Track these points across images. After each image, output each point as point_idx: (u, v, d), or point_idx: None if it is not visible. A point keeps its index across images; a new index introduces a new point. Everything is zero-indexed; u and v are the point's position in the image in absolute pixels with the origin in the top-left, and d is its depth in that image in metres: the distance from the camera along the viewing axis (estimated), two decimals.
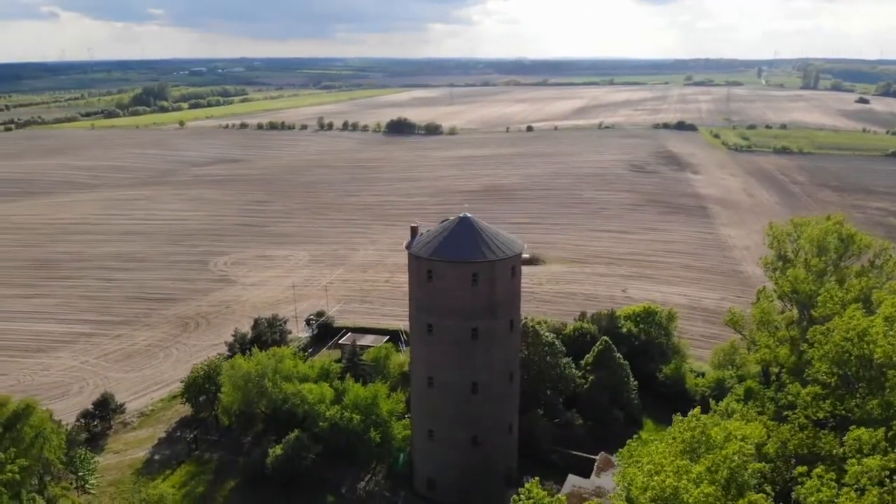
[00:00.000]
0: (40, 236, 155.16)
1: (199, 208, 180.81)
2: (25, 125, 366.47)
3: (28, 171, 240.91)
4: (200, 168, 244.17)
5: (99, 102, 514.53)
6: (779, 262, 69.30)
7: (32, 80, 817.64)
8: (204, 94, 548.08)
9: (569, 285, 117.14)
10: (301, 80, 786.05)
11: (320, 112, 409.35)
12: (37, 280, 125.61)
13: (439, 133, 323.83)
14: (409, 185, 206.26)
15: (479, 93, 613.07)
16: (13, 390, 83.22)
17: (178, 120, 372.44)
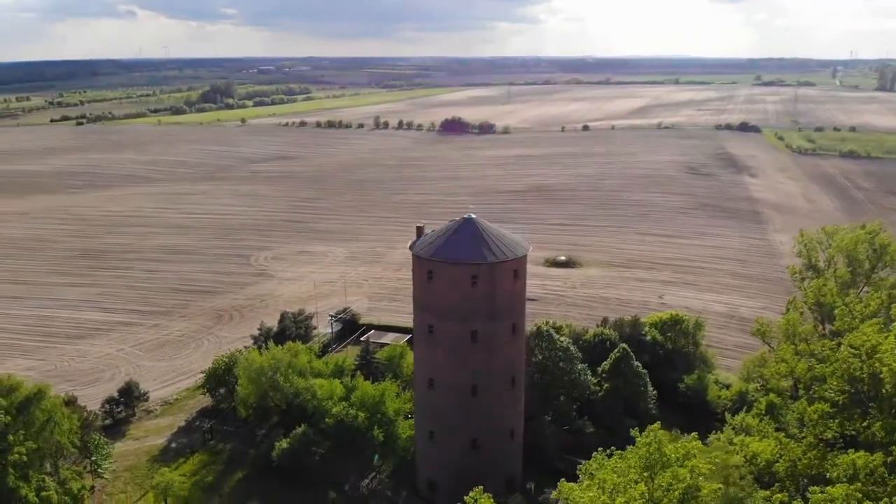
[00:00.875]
0: (96, 227, 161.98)
1: (250, 204, 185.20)
2: (96, 120, 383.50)
3: (94, 164, 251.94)
4: (257, 164, 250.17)
5: (169, 99, 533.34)
6: (807, 271, 65.96)
7: (108, 76, 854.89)
8: (268, 93, 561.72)
9: (603, 290, 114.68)
10: (364, 80, 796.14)
11: (379, 111, 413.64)
12: (87, 270, 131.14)
13: (492, 132, 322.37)
14: (455, 184, 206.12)
15: (537, 91, 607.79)
16: (49, 375, 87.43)
17: (240, 117, 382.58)
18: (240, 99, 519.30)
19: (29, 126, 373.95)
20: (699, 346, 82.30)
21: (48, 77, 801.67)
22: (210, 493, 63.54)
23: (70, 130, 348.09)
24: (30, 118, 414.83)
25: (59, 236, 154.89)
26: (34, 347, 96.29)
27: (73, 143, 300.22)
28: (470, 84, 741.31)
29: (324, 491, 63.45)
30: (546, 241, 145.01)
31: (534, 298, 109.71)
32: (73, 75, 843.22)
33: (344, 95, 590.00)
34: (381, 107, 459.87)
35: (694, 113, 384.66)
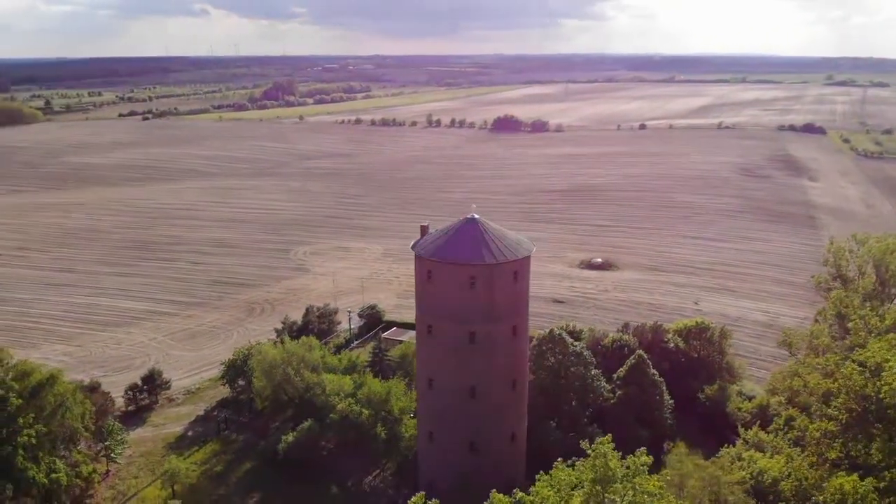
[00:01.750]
0: (149, 219, 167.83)
1: (298, 199, 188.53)
2: (161, 115, 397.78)
3: (155, 158, 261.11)
4: (310, 161, 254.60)
5: (234, 96, 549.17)
6: (834, 281, 62.62)
7: (179, 73, 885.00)
8: (329, 90, 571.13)
9: (636, 294, 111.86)
10: (424, 78, 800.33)
11: (434, 109, 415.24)
12: (134, 260, 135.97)
13: (545, 130, 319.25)
14: (499, 182, 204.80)
15: (598, 89, 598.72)
16: (82, 361, 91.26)
17: (299, 114, 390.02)
18: (301, 96, 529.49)
19: (98, 120, 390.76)
20: (725, 356, 79.32)
21: (121, 73, 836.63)
22: (218, 481, 64.95)
23: (136, 125, 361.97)
24: (99, 113, 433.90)
25: (113, 227, 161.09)
26: (73, 333, 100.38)
27: (136, 138, 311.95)
28: (529, 82, 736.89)
29: (327, 485, 63.99)
30: (585, 243, 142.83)
31: (561, 301, 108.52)
32: (146, 72, 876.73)
33: (402, 93, 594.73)
34: (438, 105, 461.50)
35: (758, 113, 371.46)
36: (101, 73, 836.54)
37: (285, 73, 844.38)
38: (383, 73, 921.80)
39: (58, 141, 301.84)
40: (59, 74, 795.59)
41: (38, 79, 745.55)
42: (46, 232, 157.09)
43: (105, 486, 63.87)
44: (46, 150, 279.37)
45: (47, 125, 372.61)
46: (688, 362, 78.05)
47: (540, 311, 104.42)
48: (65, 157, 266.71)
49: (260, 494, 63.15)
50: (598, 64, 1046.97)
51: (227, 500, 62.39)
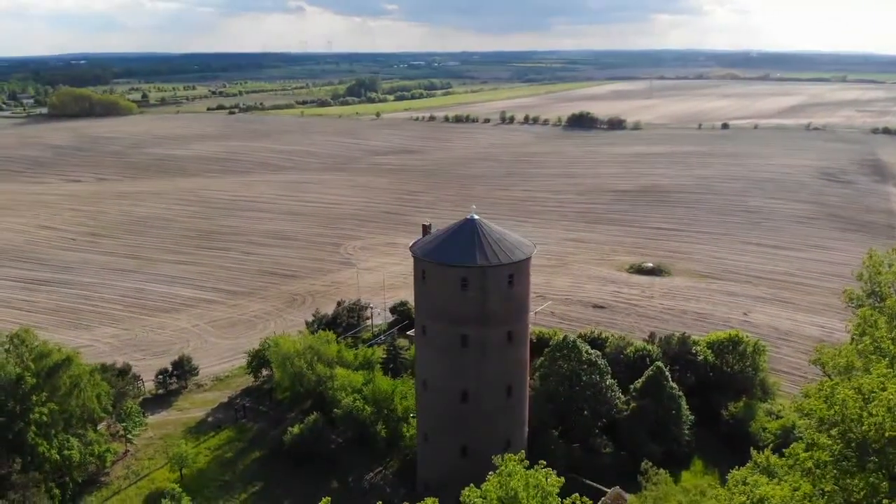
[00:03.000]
0: (215, 210, 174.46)
1: (360, 194, 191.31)
2: (247, 110, 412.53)
3: (234, 151, 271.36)
4: (379, 157, 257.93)
5: (319, 92, 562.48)
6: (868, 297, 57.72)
7: (271, 68, 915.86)
8: (410, 87, 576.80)
9: (683, 302, 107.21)
10: (507, 74, 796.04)
11: (512, 105, 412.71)
12: (195, 249, 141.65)
13: (622, 128, 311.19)
14: (564, 181, 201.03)
15: (685, 86, 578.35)
16: (126, 343, 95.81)
17: (376, 111, 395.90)
18: (383, 93, 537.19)
19: (187, 113, 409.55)
20: (759, 372, 74.81)
21: (216, 68, 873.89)
22: (226, 468, 66.69)
23: (222, 119, 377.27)
24: (190, 106, 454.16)
25: (182, 217, 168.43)
26: (123, 317, 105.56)
27: (220, 131, 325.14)
28: (615, 78, 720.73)
29: (328, 479, 64.55)
30: (640, 246, 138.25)
31: (602, 306, 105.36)
32: (240, 67, 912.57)
33: (482, 90, 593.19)
34: (516, 101, 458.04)
35: (853, 114, 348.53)
36: (197, 68, 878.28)
37: (372, 69, 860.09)
38: (468, 69, 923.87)
39: (146, 132, 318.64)
40: (158, 69, 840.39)
41: (139, 73, 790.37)
42: (120, 219, 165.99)
43: (121, 466, 66.81)
44: (135, 142, 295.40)
45: (140, 117, 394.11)
46: (717, 377, 74.14)
47: (578, 315, 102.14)
48: (150, 148, 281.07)
49: (263, 483, 64.39)
50: (689, 60, 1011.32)
51: (231, 486, 63.96)
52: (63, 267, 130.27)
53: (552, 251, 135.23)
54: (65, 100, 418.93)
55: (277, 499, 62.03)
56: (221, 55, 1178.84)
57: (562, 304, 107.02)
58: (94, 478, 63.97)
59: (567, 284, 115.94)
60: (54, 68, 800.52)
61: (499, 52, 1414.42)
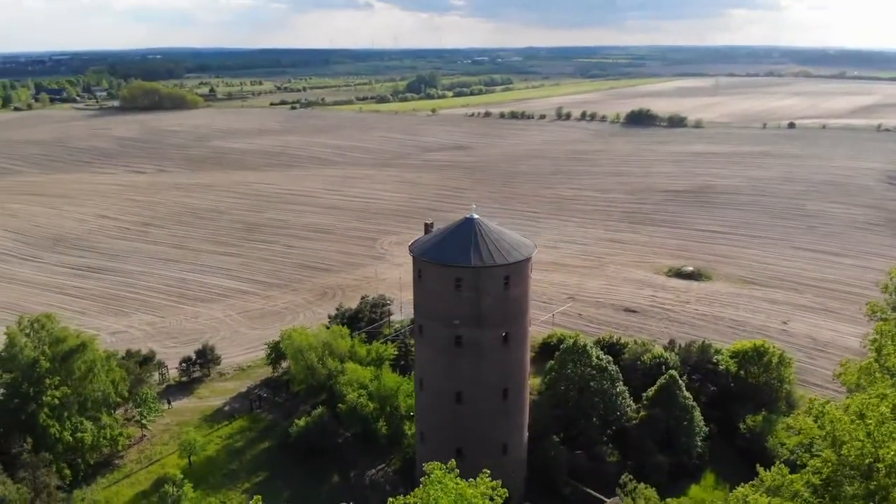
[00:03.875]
0: (265, 203, 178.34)
1: (404, 190, 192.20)
2: (308, 105, 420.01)
3: (290, 146, 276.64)
4: (430, 153, 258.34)
5: (381, 88, 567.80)
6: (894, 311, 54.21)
7: (337, 64, 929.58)
8: (470, 83, 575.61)
9: (720, 308, 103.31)
10: (570, 70, 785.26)
11: (571, 101, 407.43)
12: (239, 241, 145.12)
13: (682, 126, 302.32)
14: (613, 180, 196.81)
15: (754, 83, 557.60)
16: (160, 330, 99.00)
17: (433, 107, 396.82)
18: (442, 89, 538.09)
19: (251, 108, 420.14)
20: (785, 384, 71.38)
21: (284, 64, 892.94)
22: (233, 456, 68.06)
23: (283, 114, 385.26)
24: (255, 101, 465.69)
25: (231, 209, 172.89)
26: (161, 305, 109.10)
27: (280, 126, 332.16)
28: (683, 74, 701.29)
29: (331, 473, 65.06)
30: (684, 249, 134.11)
31: (634, 310, 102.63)
32: (307, 63, 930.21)
33: (543, 86, 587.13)
34: (576, 97, 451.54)
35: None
36: (266, 63, 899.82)
37: (435, 65, 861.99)
38: (531, 64, 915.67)
39: (209, 126, 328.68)
40: (229, 64, 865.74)
41: (210, 67, 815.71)
42: (172, 210, 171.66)
43: (136, 450, 69.05)
44: (197, 135, 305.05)
45: (206, 111, 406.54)
46: (739, 388, 71.16)
47: (607, 319, 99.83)
48: (212, 141, 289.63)
49: (267, 474, 65.40)
50: (763, 57, 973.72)
51: (236, 475, 65.23)
52: (113, 255, 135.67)
53: (590, 252, 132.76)
54: (135, 93, 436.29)
55: (278, 490, 62.83)
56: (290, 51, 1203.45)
57: (592, 306, 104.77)
58: (109, 460, 66.39)
59: (600, 286, 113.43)
60: (130, 62, 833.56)
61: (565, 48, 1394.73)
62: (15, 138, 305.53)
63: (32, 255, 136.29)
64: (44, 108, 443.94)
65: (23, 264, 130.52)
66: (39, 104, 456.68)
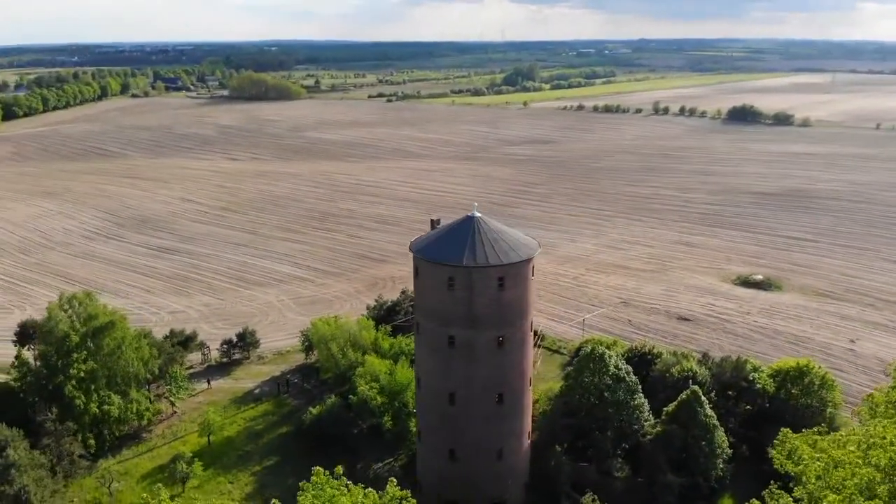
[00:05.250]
0: (340, 193, 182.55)
1: (476, 184, 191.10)
2: (403, 98, 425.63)
3: (377, 137, 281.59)
4: (512, 147, 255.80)
5: (479, 80, 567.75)
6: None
7: (442, 57, 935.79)
8: (570, 76, 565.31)
9: (782, 322, 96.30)
10: (680, 63, 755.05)
11: (675, 95, 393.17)
12: (307, 229, 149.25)
13: (788, 124, 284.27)
14: (699, 179, 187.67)
15: (875, 81, 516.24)
16: (215, 311, 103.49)
17: (525, 100, 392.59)
18: (540, 82, 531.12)
19: (349, 100, 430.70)
20: (828, 407, 65.64)
21: (391, 56, 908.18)
22: (251, 439, 70.11)
23: (378, 106, 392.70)
24: (355, 93, 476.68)
25: (307, 197, 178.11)
26: (223, 288, 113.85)
27: (372, 118, 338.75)
28: (801, 70, 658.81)
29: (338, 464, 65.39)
30: (760, 256, 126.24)
31: (688, 318, 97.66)
32: (413, 56, 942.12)
33: (648, 79, 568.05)
34: (680, 91, 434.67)
35: None
36: (373, 56, 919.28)
37: (539, 57, 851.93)
38: (639, 57, 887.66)
39: (306, 117, 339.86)
40: (338, 56, 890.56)
41: (320, 59, 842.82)
42: (253, 197, 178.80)
43: (164, 426, 72.46)
44: (294, 125, 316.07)
45: (307, 102, 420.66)
46: (774, 408, 66.05)
47: (658, 326, 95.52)
48: (306, 132, 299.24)
49: (278, 458, 66.93)
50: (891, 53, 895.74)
51: (249, 457, 67.14)
52: (189, 238, 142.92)
53: (655, 254, 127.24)
54: (243, 83, 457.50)
55: (285, 475, 64.00)
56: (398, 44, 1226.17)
57: (643, 312, 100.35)
58: (137, 434, 70.02)
59: (658, 292, 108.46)
60: (246, 53, 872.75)
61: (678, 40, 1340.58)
62: (127, 124, 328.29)
63: (117, 234, 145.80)
64: (159, 96, 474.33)
65: (107, 243, 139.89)
66: (155, 92, 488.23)
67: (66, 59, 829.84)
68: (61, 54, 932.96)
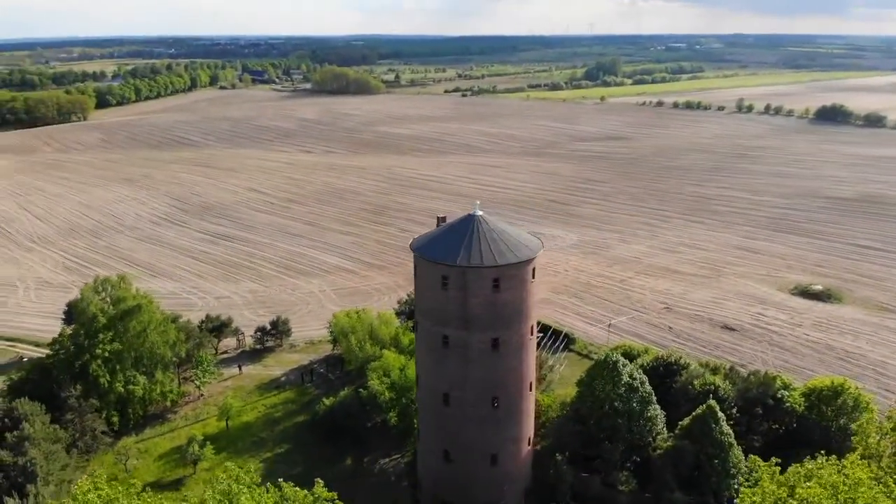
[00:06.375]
0: (399, 187, 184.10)
1: (538, 181, 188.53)
2: (478, 93, 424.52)
3: (446, 132, 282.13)
4: (582, 143, 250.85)
5: (559, 75, 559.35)
6: None
7: (524, 51, 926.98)
8: (654, 71, 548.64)
9: (837, 336, 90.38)
10: (774, 59, 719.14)
11: (764, 93, 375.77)
12: (361, 221, 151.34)
13: (881, 126, 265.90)
14: (772, 181, 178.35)
15: None
16: (258, 298, 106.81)
17: (601, 95, 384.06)
18: (622, 76, 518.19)
19: (425, 95, 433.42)
20: None
21: (472, 51, 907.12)
22: (268, 426, 71.77)
23: (452, 101, 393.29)
24: (431, 88, 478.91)
25: (368, 191, 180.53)
26: (270, 276, 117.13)
27: (444, 113, 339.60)
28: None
29: (346, 456, 66.37)
30: (825, 265, 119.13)
31: (733, 328, 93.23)
32: (495, 50, 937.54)
33: (737, 75, 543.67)
34: (770, 89, 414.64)
35: None
36: (455, 50, 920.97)
37: (626, 52, 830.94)
38: (732, 52, 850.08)
39: (381, 111, 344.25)
40: (421, 51, 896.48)
41: (404, 54, 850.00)
42: (318, 189, 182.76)
43: (190, 407, 75.18)
44: (368, 120, 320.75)
45: (385, 97, 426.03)
46: (804, 429, 62.01)
47: (700, 335, 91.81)
48: (379, 126, 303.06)
49: (290, 447, 68.18)
50: None
51: (262, 443, 68.73)
52: (249, 226, 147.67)
53: (710, 259, 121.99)
54: (325, 77, 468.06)
55: (294, 464, 65.23)
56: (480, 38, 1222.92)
57: (686, 319, 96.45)
58: (163, 414, 73.01)
59: (706, 298, 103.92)
60: (333, 47, 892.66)
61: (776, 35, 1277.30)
62: (212, 115, 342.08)
63: (182, 220, 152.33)
64: (245, 88, 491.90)
65: (171, 228, 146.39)
66: (242, 84, 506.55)
67: (163, 51, 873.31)
68: (159, 46, 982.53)
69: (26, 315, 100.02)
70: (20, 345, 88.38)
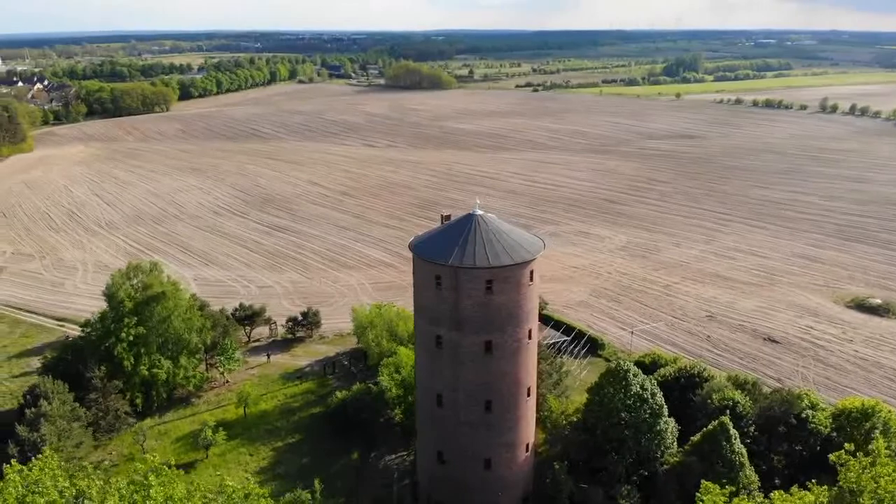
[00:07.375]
0: (451, 183, 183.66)
1: (595, 179, 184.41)
2: (549, 88, 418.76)
3: (512, 128, 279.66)
4: (651, 141, 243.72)
5: (637, 70, 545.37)
6: None
7: (605, 46, 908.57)
8: (737, 68, 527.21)
9: (889, 354, 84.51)
10: (868, 57, 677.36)
11: (851, 92, 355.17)
12: (407, 216, 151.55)
13: None
14: (848, 186, 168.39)
15: None
16: (298, 288, 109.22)
17: (677, 92, 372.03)
18: (704, 73, 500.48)
19: (496, 90, 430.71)
20: None
21: (551, 45, 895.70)
22: (284, 415, 73.14)
23: (522, 96, 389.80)
24: (504, 83, 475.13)
25: (420, 185, 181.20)
26: (313, 267, 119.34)
27: (512, 108, 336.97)
28: None
29: (353, 450, 66.86)
30: (892, 276, 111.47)
31: (776, 340, 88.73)
32: (574, 45, 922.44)
33: (826, 73, 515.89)
34: (859, 88, 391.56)
35: None
36: (532, 45, 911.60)
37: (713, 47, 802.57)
38: (824, 49, 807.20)
39: (448, 107, 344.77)
40: (498, 45, 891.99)
41: (481, 49, 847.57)
42: (373, 183, 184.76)
43: (214, 393, 77.52)
44: (435, 115, 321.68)
45: (455, 92, 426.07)
46: (825, 447, 58.14)
47: (738, 346, 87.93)
48: (444, 121, 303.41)
49: (301, 437, 69.29)
50: None
51: (277, 432, 70.03)
52: (302, 218, 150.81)
53: (766, 266, 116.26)
54: (399, 72, 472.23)
55: (302, 454, 66.32)
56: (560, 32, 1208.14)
57: (728, 329, 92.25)
58: (187, 398, 75.56)
59: (753, 308, 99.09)
60: (412, 42, 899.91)
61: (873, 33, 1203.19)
62: (286, 108, 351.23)
63: (242, 211, 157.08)
64: (323, 82, 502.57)
65: (231, 218, 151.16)
66: (320, 78, 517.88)
67: (249, 45, 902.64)
68: (246, 40, 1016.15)
69: (80, 297, 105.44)
70: (68, 325, 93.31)
